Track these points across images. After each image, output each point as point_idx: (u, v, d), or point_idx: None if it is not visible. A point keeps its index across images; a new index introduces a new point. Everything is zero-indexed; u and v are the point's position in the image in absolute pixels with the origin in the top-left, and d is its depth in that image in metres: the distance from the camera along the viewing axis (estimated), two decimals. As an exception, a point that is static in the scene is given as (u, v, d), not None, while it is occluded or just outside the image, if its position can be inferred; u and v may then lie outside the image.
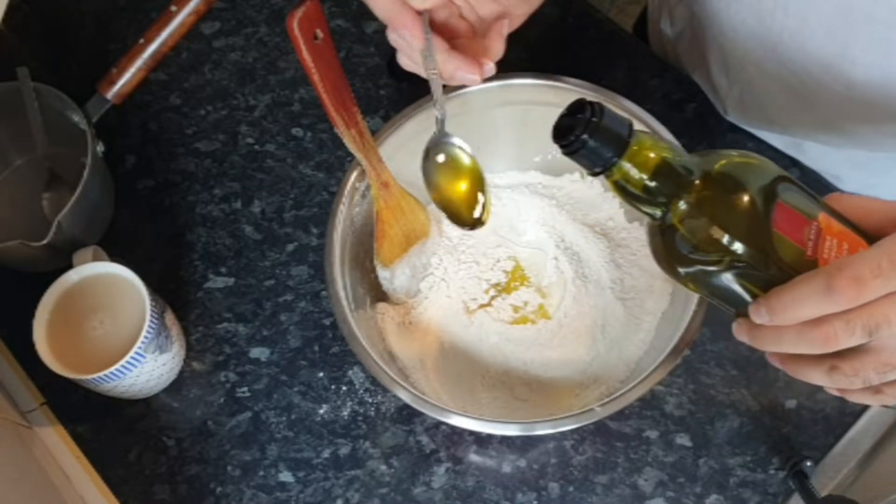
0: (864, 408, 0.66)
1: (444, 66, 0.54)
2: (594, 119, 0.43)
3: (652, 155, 0.44)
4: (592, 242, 0.68)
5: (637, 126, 0.63)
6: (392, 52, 0.56)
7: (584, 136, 0.43)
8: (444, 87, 0.56)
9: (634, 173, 0.45)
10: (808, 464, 0.63)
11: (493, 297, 0.68)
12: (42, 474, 0.66)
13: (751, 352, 0.68)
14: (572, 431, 0.66)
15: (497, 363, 0.65)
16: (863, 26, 0.54)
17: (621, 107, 0.63)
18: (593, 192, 0.70)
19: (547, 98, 0.65)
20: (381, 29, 0.80)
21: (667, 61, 0.80)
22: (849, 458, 0.65)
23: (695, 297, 0.57)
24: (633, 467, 0.65)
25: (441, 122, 0.58)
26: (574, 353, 0.65)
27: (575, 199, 0.70)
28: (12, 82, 0.72)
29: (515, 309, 0.68)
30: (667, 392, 0.67)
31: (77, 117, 0.72)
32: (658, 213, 0.46)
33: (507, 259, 0.70)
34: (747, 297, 0.45)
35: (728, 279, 0.45)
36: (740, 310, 0.47)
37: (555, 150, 0.71)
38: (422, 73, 0.55)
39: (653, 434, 0.66)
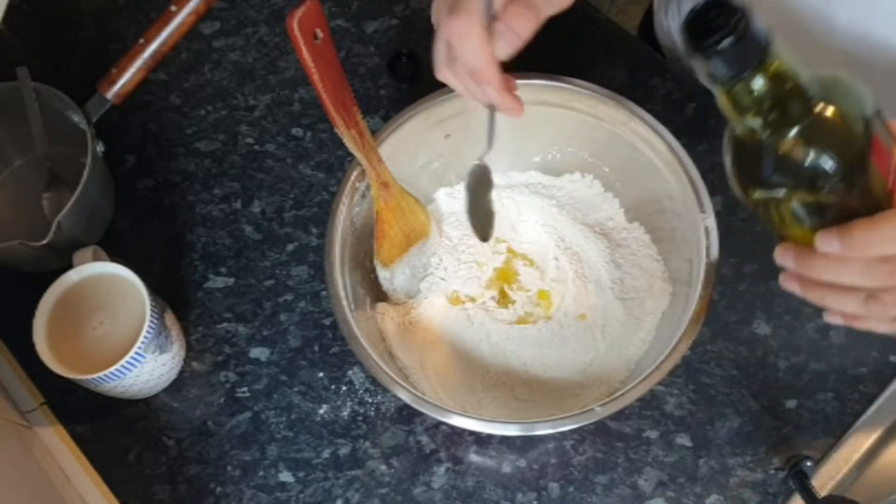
0: (865, 408, 0.66)
1: (498, 101, 0.55)
2: (741, 22, 0.40)
3: (783, 70, 0.42)
4: (592, 242, 0.68)
5: (635, 126, 0.63)
6: (392, 52, 0.56)
7: (729, 40, 0.40)
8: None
9: (760, 85, 0.42)
10: (808, 464, 0.63)
11: (491, 284, 0.69)
12: (42, 474, 0.66)
13: (751, 352, 0.68)
14: (572, 431, 0.66)
15: (497, 363, 0.65)
16: None
17: (621, 106, 0.63)
18: (593, 192, 0.70)
19: (547, 98, 0.65)
20: (381, 29, 0.80)
21: (675, 54, 0.79)
22: (849, 458, 0.65)
23: (695, 297, 0.57)
24: (633, 467, 0.65)
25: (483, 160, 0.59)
26: (574, 353, 0.65)
27: (575, 199, 0.70)
28: (12, 82, 0.72)
29: (511, 300, 0.68)
30: (667, 392, 0.67)
31: (77, 117, 0.72)
32: (760, 128, 0.44)
33: (506, 252, 0.70)
34: (811, 225, 0.45)
35: (803, 205, 0.44)
36: (790, 234, 0.46)
37: (555, 150, 0.71)
38: (458, 88, 0.56)
39: (653, 434, 0.66)
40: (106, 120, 0.73)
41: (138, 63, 0.73)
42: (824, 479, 0.65)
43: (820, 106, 0.43)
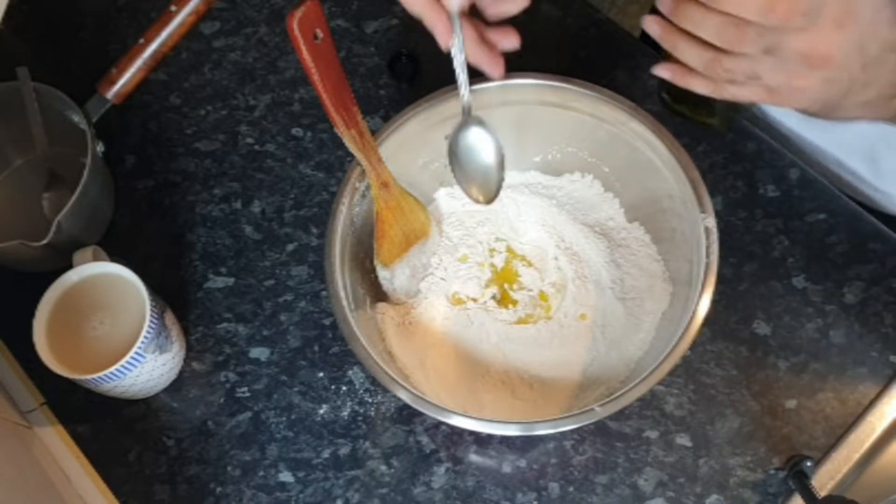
0: (865, 408, 0.66)
1: (472, 56, 0.56)
2: None
3: None
4: (592, 242, 0.68)
5: (635, 126, 0.63)
6: (392, 52, 0.56)
7: None
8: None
9: None
10: (808, 464, 0.63)
11: (491, 284, 0.68)
12: (42, 474, 0.66)
13: (751, 352, 0.68)
14: (572, 431, 0.66)
15: (497, 363, 0.65)
16: None
17: (621, 106, 0.63)
18: (593, 192, 0.70)
19: (547, 98, 0.65)
20: (381, 29, 0.81)
21: None
22: (849, 458, 0.65)
23: (695, 297, 0.57)
24: (633, 467, 0.65)
25: (467, 110, 0.58)
26: (574, 353, 0.65)
27: (575, 199, 0.70)
28: (12, 82, 0.72)
29: (512, 300, 0.68)
30: (667, 392, 0.67)
31: (77, 117, 0.72)
32: None
33: (506, 251, 0.70)
34: None
35: None
36: None
37: (555, 150, 0.71)
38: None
39: (653, 434, 0.66)
40: (106, 120, 0.73)
41: (138, 63, 0.73)
42: (824, 479, 0.65)
43: None
